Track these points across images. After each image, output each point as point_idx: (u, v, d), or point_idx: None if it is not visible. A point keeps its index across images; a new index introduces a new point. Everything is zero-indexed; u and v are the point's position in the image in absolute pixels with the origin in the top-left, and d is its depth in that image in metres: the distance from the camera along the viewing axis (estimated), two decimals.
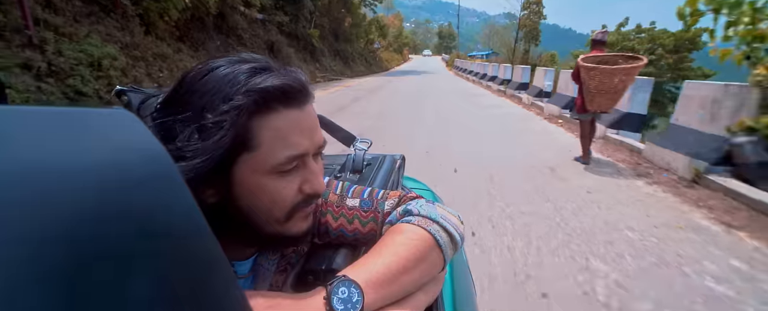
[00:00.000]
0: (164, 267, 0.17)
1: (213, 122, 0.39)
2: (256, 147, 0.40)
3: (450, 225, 0.50)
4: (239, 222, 0.44)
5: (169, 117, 0.40)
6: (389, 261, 0.43)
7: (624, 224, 2.46)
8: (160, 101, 0.43)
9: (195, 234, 0.19)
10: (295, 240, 0.48)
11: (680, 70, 23.22)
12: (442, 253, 0.48)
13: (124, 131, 0.19)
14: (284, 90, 0.41)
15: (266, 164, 0.41)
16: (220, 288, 0.20)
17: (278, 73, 0.42)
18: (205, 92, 0.40)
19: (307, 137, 0.43)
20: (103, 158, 0.17)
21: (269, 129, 0.41)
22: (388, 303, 0.43)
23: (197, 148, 0.38)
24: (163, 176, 0.19)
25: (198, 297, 0.18)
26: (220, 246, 0.21)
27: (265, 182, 0.42)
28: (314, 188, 0.45)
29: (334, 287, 0.40)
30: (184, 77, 0.42)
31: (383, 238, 0.48)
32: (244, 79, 0.40)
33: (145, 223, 0.17)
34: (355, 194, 0.55)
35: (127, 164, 0.17)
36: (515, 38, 28.24)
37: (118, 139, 0.18)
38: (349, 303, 0.39)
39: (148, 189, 0.18)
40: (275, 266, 0.51)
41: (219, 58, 0.43)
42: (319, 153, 0.47)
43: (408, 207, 0.51)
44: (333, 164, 0.85)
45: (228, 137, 0.39)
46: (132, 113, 0.20)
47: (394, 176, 0.82)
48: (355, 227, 0.53)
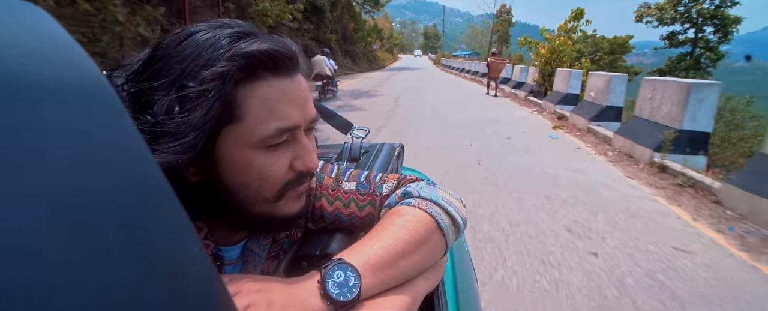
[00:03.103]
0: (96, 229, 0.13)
1: (196, 91, 0.35)
2: (241, 118, 0.37)
3: (452, 208, 0.47)
4: (225, 203, 0.41)
5: (143, 86, 0.36)
6: (388, 244, 0.41)
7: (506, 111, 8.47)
8: (133, 70, 0.39)
9: (142, 181, 0.15)
10: (286, 222, 0.45)
11: (615, 69, 29.95)
12: (443, 237, 0.46)
13: (29, 29, 0.14)
14: (272, 56, 0.38)
15: (253, 137, 0.38)
16: (178, 264, 0.16)
17: (265, 38, 0.39)
18: (184, 57, 0.36)
19: (297, 109, 0.40)
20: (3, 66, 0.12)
21: (256, 98, 0.37)
22: (386, 289, 0.41)
23: (183, 122, 0.35)
24: (90, 90, 0.14)
25: (146, 271, 0.14)
26: (185, 213, 0.17)
27: (252, 157, 0.39)
28: (306, 165, 0.42)
29: (329, 270, 0.37)
30: (159, 43, 0.38)
31: (381, 221, 0.46)
32: (228, 43, 0.37)
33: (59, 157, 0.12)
34: (352, 177, 0.53)
35: (34, 73, 0.13)
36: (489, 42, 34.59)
37: (24, 41, 0.13)
38: (346, 287, 0.37)
39: (68, 108, 0.13)
40: (266, 252, 0.49)
41: (198, 23, 0.39)
42: (312, 129, 0.44)
43: (407, 189, 0.48)
44: (329, 152, 0.81)
45: (215, 109, 0.35)
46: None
47: (393, 164, 0.78)
48: (351, 211, 0.51)
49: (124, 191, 0.14)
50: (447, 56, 44.01)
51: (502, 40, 36.32)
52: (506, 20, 34.73)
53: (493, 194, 2.94)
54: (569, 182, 3.24)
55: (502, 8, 35.55)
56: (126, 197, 0.14)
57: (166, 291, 0.15)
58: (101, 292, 0.12)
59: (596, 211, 2.65)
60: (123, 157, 0.15)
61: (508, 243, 2.19)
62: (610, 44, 30.56)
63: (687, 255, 2.10)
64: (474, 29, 66.63)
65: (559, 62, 8.57)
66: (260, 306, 0.34)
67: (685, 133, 3.62)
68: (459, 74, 22.89)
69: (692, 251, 2.15)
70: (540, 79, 8.92)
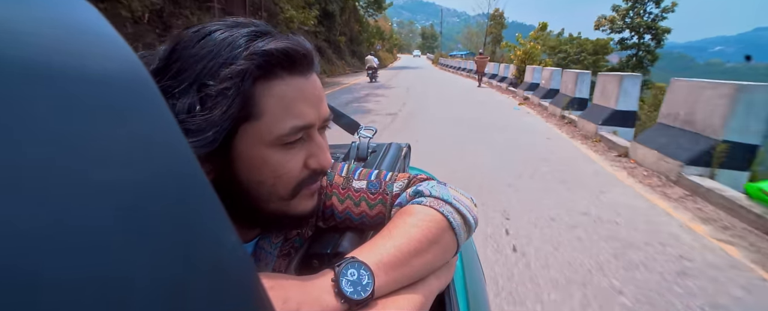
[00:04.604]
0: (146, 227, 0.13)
1: (216, 90, 0.36)
2: (259, 116, 0.38)
3: (463, 207, 0.47)
4: (240, 201, 0.42)
5: (165, 84, 0.37)
6: (400, 243, 0.41)
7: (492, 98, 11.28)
8: (151, 70, 0.38)
9: (184, 174, 0.15)
10: (300, 220, 0.46)
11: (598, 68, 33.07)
12: (455, 236, 0.46)
13: (73, 20, 0.14)
14: (288, 54, 0.38)
15: (270, 135, 0.39)
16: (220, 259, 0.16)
17: (281, 36, 0.40)
18: (202, 56, 0.37)
19: (312, 107, 0.41)
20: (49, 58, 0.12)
21: (273, 97, 0.38)
22: (399, 287, 0.41)
23: (204, 120, 0.36)
24: (139, 85, 0.14)
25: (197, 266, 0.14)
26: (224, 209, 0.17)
27: (268, 155, 0.40)
28: (320, 163, 0.43)
29: (342, 268, 0.38)
30: (177, 42, 0.39)
31: (393, 220, 0.46)
32: (245, 42, 0.38)
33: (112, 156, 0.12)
34: (362, 176, 0.53)
35: (83, 70, 0.13)
36: (483, 43, 37.55)
37: (66, 33, 0.13)
38: (359, 286, 0.37)
39: (113, 99, 0.13)
40: (278, 250, 0.49)
41: (214, 22, 0.40)
42: (325, 127, 0.45)
43: (419, 188, 0.49)
44: (336, 152, 0.81)
45: (235, 107, 0.36)
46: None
47: (400, 164, 0.80)
48: (362, 210, 0.51)
49: (170, 183, 0.14)
50: (444, 56, 47.14)
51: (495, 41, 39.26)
52: (499, 23, 37.72)
53: (465, 108, 5.73)
54: (496, 105, 6.07)
55: (496, 12, 38.56)
56: (172, 190, 0.14)
57: (208, 284, 0.14)
58: (150, 289, 0.12)
59: (501, 116, 5.43)
60: (166, 151, 0.15)
61: (448, 103, 4.97)
62: (593, 46, 33.60)
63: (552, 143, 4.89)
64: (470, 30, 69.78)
65: (531, 61, 11.35)
66: (276, 302, 0.34)
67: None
68: (456, 72, 25.99)
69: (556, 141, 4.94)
70: (516, 73, 11.73)
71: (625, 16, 24.14)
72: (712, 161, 2.96)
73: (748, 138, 2.98)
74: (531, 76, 10.04)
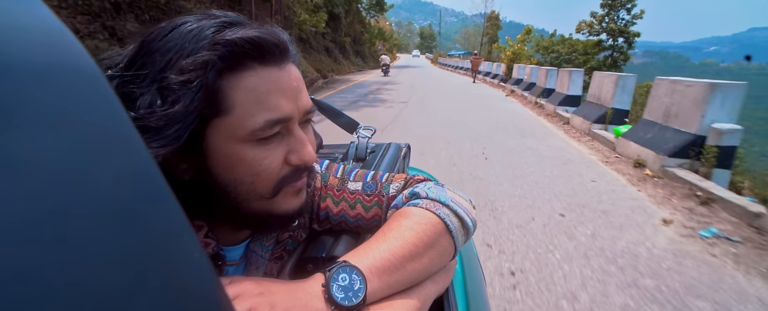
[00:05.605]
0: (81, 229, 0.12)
1: (177, 82, 0.34)
2: (229, 110, 0.36)
3: (461, 209, 0.46)
4: (220, 200, 0.40)
5: (125, 80, 0.35)
6: (394, 247, 0.40)
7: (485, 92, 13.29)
8: (117, 65, 0.37)
9: (137, 174, 0.14)
10: (285, 219, 0.44)
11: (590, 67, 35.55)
12: (452, 239, 0.45)
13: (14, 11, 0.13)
14: (257, 44, 0.36)
15: (243, 130, 0.37)
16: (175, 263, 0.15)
17: (251, 26, 0.38)
18: (167, 50, 0.35)
19: (289, 99, 0.39)
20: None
21: (243, 89, 0.36)
22: (393, 293, 0.40)
23: (164, 116, 0.34)
24: (85, 80, 0.14)
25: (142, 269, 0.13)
26: (184, 213, 0.16)
27: (243, 151, 0.38)
28: (302, 159, 0.40)
29: (333, 273, 0.37)
30: (145, 38, 0.37)
31: (388, 222, 0.45)
32: (211, 33, 0.36)
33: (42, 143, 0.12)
34: (358, 177, 0.52)
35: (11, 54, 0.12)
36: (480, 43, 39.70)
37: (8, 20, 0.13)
38: (350, 291, 0.36)
39: (59, 91, 0.12)
40: (270, 253, 0.48)
41: (185, 16, 0.38)
42: (308, 121, 0.43)
43: (415, 190, 0.48)
44: (335, 152, 0.80)
45: (198, 100, 0.34)
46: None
47: (399, 164, 0.78)
48: (357, 212, 0.50)
49: (119, 184, 0.13)
50: (443, 55, 49.39)
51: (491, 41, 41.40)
52: (495, 24, 39.84)
53: (462, 97, 7.66)
54: (486, 95, 8.03)
55: (492, 14, 40.72)
56: (120, 192, 0.13)
57: (160, 295, 0.13)
58: (88, 295, 0.11)
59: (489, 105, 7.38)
60: (118, 149, 0.14)
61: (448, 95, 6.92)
62: (584, 46, 35.89)
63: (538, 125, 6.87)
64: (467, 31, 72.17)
65: (519, 61, 13.34)
66: (263, 309, 0.33)
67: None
68: (454, 71, 28.06)
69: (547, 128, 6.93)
70: (506, 71, 13.72)
71: (602, 21, 27.73)
72: (606, 119, 5.14)
73: (623, 105, 5.17)
74: (517, 73, 12.03)
